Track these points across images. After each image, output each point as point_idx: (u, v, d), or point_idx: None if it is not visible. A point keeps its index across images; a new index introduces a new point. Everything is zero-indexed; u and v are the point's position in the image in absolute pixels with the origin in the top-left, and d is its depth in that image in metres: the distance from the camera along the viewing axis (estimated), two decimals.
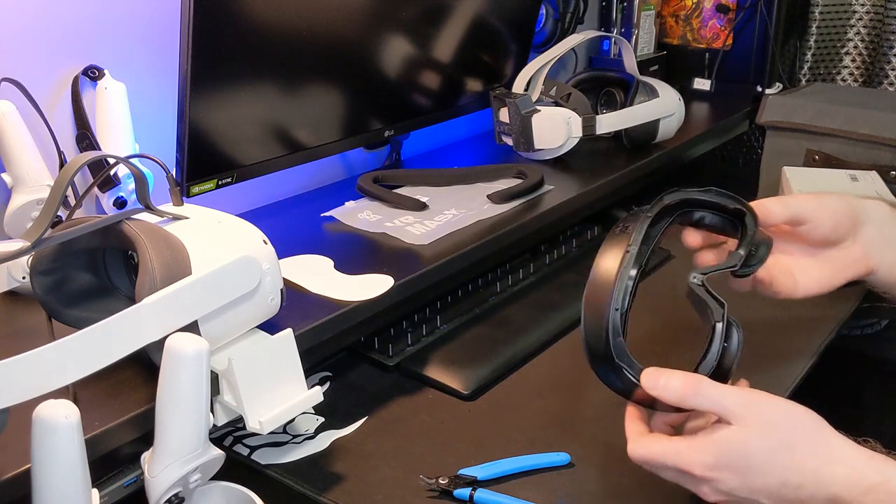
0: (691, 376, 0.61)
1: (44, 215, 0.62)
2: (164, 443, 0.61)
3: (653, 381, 0.62)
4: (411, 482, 0.73)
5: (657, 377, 0.62)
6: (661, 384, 0.61)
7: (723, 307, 0.63)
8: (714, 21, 1.71)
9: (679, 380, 0.60)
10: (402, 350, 0.93)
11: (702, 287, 0.65)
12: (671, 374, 0.61)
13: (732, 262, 0.68)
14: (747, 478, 0.58)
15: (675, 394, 0.60)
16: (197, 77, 0.87)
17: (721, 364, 0.63)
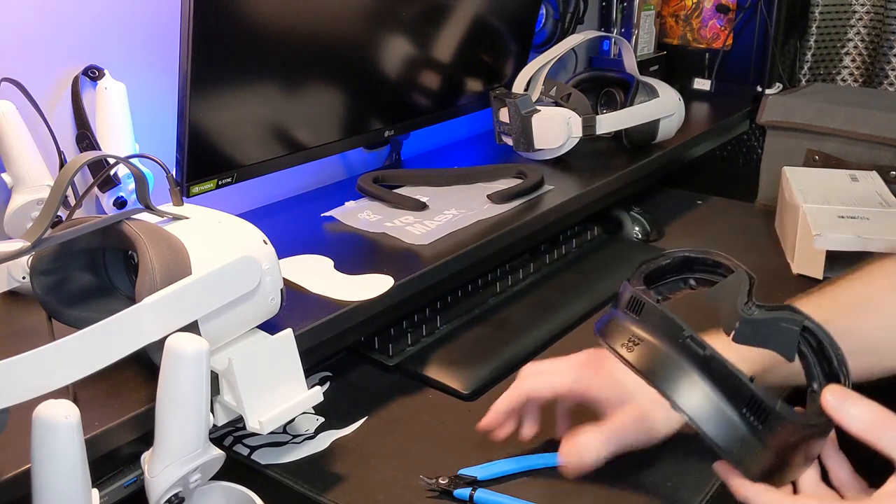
0: (882, 407, 0.52)
1: (44, 215, 0.62)
2: (164, 443, 0.61)
3: (838, 400, 0.52)
4: (411, 482, 0.73)
5: (844, 395, 0.53)
6: (846, 405, 0.52)
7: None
8: (714, 21, 1.71)
9: (867, 404, 0.52)
10: (402, 350, 0.93)
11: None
12: (857, 397, 0.52)
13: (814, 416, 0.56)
14: None
15: (863, 421, 0.51)
16: (197, 77, 0.86)
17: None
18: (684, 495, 0.71)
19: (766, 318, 0.53)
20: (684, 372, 0.53)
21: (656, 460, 0.74)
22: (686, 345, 0.53)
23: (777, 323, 0.53)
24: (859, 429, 0.51)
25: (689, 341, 0.53)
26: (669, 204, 1.37)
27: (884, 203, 1.13)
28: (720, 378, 0.53)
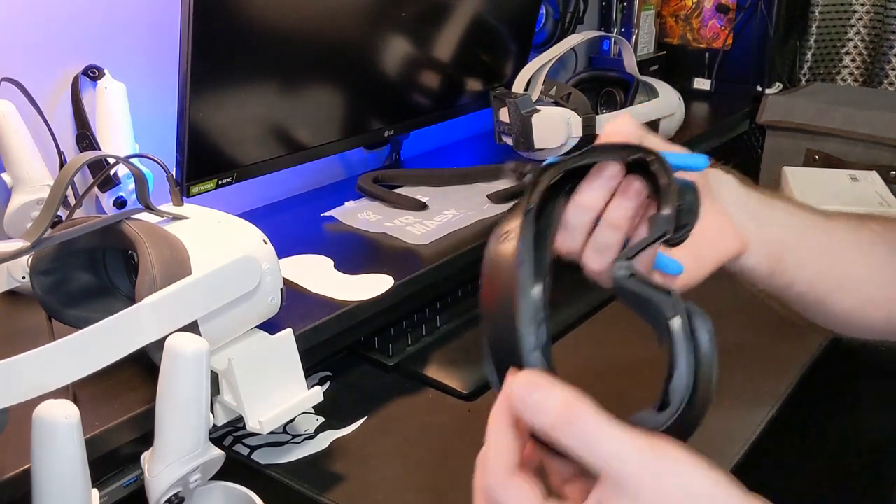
0: (577, 396, 0.39)
1: (44, 215, 0.62)
2: (164, 443, 0.61)
3: (525, 387, 0.40)
4: (411, 482, 0.73)
5: (532, 385, 0.40)
6: (534, 397, 0.39)
7: (670, 295, 0.43)
8: (714, 21, 1.71)
9: (559, 396, 0.39)
10: (401, 350, 0.93)
11: (632, 278, 0.44)
12: (551, 387, 0.39)
13: (661, 229, 0.47)
14: None
15: (546, 418, 0.39)
16: (197, 77, 0.86)
17: (699, 376, 0.42)
18: None
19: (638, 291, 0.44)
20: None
21: None
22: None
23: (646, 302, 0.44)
24: (545, 424, 0.39)
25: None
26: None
27: (884, 203, 1.13)
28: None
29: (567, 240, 0.53)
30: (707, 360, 0.42)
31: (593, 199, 0.51)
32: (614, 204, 0.51)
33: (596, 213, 0.51)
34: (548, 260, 0.48)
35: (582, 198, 0.51)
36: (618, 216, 0.51)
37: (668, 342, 0.43)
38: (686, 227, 0.51)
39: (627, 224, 0.51)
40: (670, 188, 0.48)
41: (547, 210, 0.51)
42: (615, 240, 0.52)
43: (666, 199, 0.48)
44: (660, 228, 0.48)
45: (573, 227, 0.52)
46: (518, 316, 0.44)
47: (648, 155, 0.49)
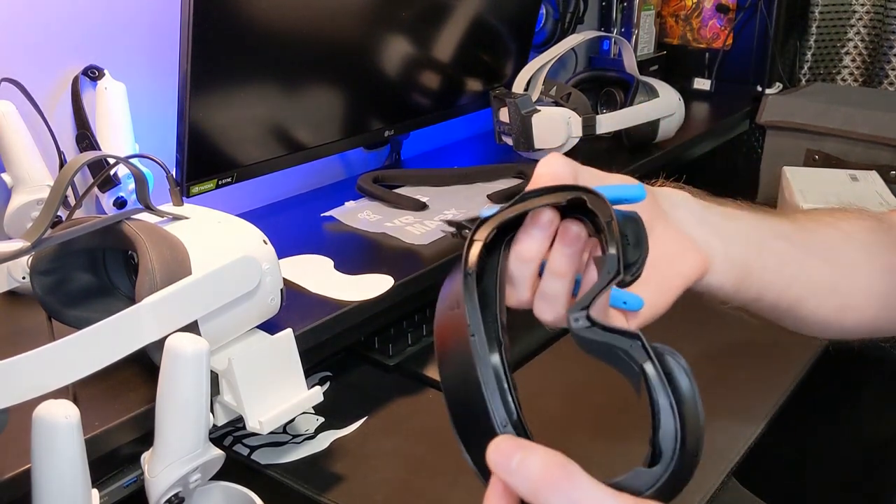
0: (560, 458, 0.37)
1: (44, 215, 0.62)
2: (164, 443, 0.61)
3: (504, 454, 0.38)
4: (411, 482, 0.73)
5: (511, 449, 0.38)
6: (514, 461, 0.38)
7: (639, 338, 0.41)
8: (714, 21, 1.71)
9: (539, 459, 0.37)
10: (402, 350, 0.93)
11: (592, 328, 0.42)
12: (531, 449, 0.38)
13: (611, 272, 0.45)
14: None
15: (528, 482, 0.37)
16: (197, 77, 0.86)
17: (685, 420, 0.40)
18: (684, 495, 0.71)
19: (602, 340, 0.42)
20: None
21: None
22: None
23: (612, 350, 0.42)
24: (523, 491, 0.38)
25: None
26: None
27: (884, 203, 1.13)
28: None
29: (515, 293, 0.51)
30: (690, 401, 0.40)
31: (531, 250, 0.48)
32: (555, 252, 0.49)
33: (537, 263, 0.49)
34: (500, 320, 0.45)
35: (519, 250, 0.49)
36: (560, 265, 0.49)
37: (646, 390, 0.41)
38: (636, 263, 0.48)
39: (572, 271, 0.49)
40: (612, 226, 0.45)
41: (490, 266, 0.48)
42: (563, 289, 0.50)
43: (610, 238, 0.45)
44: (609, 271, 0.45)
45: (517, 280, 0.50)
46: (483, 391, 0.42)
47: (583, 194, 0.46)
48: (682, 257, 0.55)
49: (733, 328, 0.97)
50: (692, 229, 0.56)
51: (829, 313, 0.62)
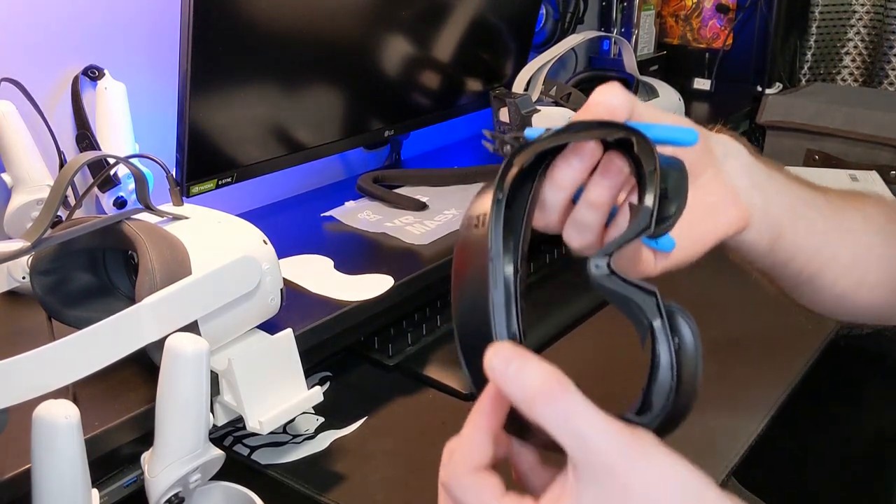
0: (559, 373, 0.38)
1: (44, 215, 0.62)
2: (164, 443, 0.61)
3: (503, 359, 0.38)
4: (411, 482, 0.73)
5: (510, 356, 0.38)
6: (512, 368, 0.38)
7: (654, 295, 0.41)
8: (714, 21, 1.71)
9: (538, 371, 0.37)
10: (402, 350, 0.93)
11: (612, 276, 0.42)
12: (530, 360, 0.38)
13: (641, 223, 0.44)
14: None
15: (524, 390, 0.37)
16: (197, 77, 0.86)
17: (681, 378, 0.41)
18: None
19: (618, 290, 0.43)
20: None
21: None
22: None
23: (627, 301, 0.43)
24: (518, 399, 0.38)
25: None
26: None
27: None
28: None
29: (543, 217, 0.50)
30: (691, 364, 0.40)
31: (569, 178, 0.47)
32: (593, 183, 0.47)
33: (572, 191, 0.48)
34: (521, 246, 0.45)
35: (557, 176, 0.47)
36: (598, 196, 0.47)
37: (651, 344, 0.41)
38: (670, 218, 0.46)
39: (608, 204, 0.48)
40: (653, 176, 0.44)
41: (522, 191, 0.47)
42: (595, 220, 0.49)
43: (648, 189, 0.44)
44: (640, 223, 0.44)
45: (549, 206, 0.49)
46: (491, 313, 0.42)
47: (632, 135, 0.45)
48: (723, 209, 0.54)
49: (737, 325, 0.97)
50: (739, 181, 0.55)
51: (845, 288, 0.62)
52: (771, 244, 0.58)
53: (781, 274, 0.62)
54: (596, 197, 0.47)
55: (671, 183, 0.47)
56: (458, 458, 0.41)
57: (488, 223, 0.43)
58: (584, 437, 0.36)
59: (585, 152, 0.46)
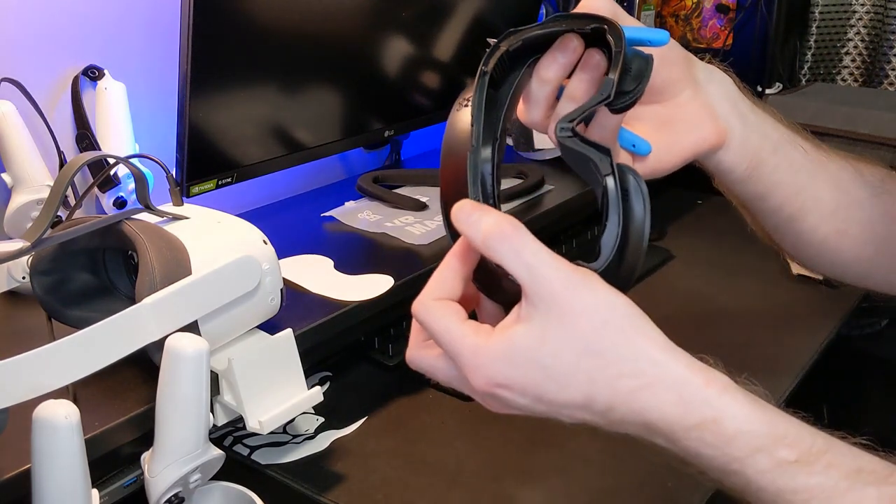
0: (514, 220, 0.44)
1: (44, 215, 0.62)
2: (164, 443, 0.61)
3: (465, 211, 0.45)
4: (411, 482, 0.73)
5: (472, 208, 0.45)
6: (473, 217, 0.44)
7: (608, 154, 0.46)
8: (714, 21, 1.71)
9: (493, 217, 0.44)
10: (402, 350, 0.93)
11: (573, 137, 0.47)
12: (488, 210, 0.45)
13: (603, 93, 0.48)
14: (543, 394, 0.43)
15: (480, 232, 0.44)
16: (197, 77, 0.86)
17: (627, 235, 0.45)
18: (684, 495, 0.71)
19: (578, 149, 0.47)
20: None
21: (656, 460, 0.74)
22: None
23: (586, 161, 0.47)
24: (477, 238, 0.44)
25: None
26: (669, 203, 1.37)
27: None
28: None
29: (529, 112, 0.54)
30: (638, 218, 0.45)
31: (553, 71, 0.51)
32: (575, 78, 0.51)
33: (556, 85, 0.52)
34: (503, 122, 0.51)
35: (542, 70, 0.51)
36: (577, 90, 0.51)
37: (601, 202, 0.46)
38: (630, 93, 0.50)
39: (587, 97, 0.52)
40: (619, 55, 0.48)
41: (508, 80, 0.52)
42: None
43: (613, 65, 0.48)
44: (602, 93, 0.48)
45: (534, 99, 0.53)
46: (469, 173, 0.48)
47: (605, 24, 0.49)
48: (700, 123, 0.57)
49: (737, 326, 0.97)
50: (719, 105, 0.58)
51: (827, 234, 0.63)
52: (749, 172, 0.60)
53: (760, 208, 0.63)
54: (576, 91, 0.52)
55: (636, 66, 0.50)
56: (428, 289, 0.47)
57: (472, 95, 0.50)
58: (533, 267, 0.43)
59: (569, 48, 0.51)
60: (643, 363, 0.43)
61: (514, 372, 0.43)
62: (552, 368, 0.43)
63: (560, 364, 0.43)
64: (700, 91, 0.58)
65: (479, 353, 0.44)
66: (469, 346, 0.44)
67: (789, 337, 0.96)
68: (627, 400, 0.43)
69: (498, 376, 0.43)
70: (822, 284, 1.08)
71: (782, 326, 0.97)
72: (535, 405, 0.44)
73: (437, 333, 0.45)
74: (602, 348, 0.43)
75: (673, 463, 0.45)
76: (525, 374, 0.43)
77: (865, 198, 0.64)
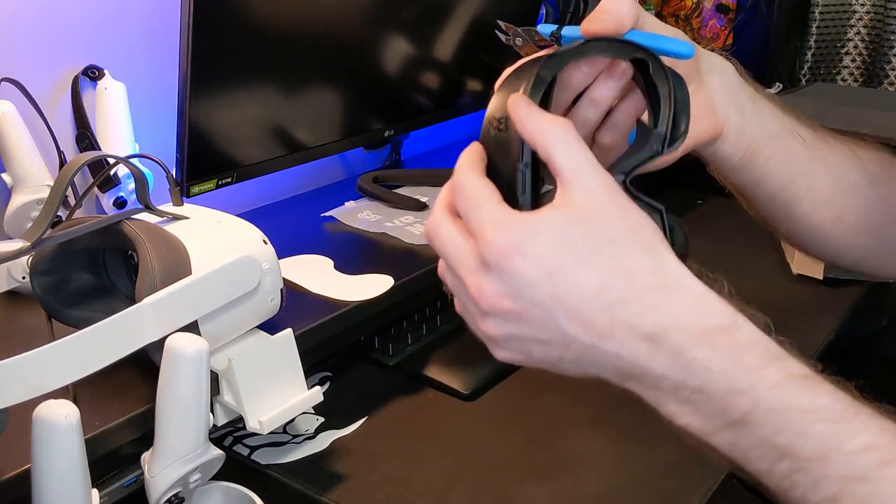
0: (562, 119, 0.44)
1: (44, 215, 0.62)
2: (164, 443, 0.61)
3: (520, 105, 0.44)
4: (412, 482, 0.73)
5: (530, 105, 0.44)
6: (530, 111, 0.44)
7: (660, 212, 0.47)
8: (714, 21, 1.71)
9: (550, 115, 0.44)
10: (402, 350, 0.93)
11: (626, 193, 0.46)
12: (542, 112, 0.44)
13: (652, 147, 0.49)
14: (558, 268, 0.41)
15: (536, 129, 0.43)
16: (197, 77, 0.86)
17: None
18: (684, 495, 0.71)
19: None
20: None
21: (656, 459, 0.74)
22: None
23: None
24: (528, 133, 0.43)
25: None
26: (669, 204, 1.37)
27: None
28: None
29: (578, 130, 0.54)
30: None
31: (577, 79, 0.51)
32: (599, 82, 0.52)
33: (579, 91, 0.52)
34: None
35: (596, 93, 0.52)
36: (601, 95, 0.52)
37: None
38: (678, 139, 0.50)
39: (609, 102, 0.53)
40: (667, 102, 0.48)
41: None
42: (595, 116, 0.53)
43: (661, 114, 0.49)
44: (652, 147, 0.49)
45: (583, 120, 0.53)
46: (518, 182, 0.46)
47: (649, 59, 0.49)
48: (699, 117, 0.56)
49: None
50: (718, 97, 0.59)
51: (822, 221, 0.63)
52: (743, 161, 0.61)
53: (755, 194, 0.63)
54: (599, 95, 0.52)
55: (679, 103, 0.50)
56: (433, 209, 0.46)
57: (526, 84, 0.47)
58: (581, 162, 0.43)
59: (623, 74, 0.51)
60: (666, 267, 0.42)
61: (540, 240, 0.41)
62: (579, 245, 0.41)
63: (588, 243, 0.41)
64: (702, 84, 0.58)
65: (509, 215, 0.42)
66: (500, 209, 0.43)
67: (789, 337, 0.95)
68: (642, 296, 0.41)
69: (522, 240, 0.41)
70: (823, 284, 1.08)
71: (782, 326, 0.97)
72: (544, 283, 0.41)
73: (471, 191, 0.44)
74: (629, 244, 0.42)
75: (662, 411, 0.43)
76: (549, 246, 0.41)
77: (864, 185, 0.64)
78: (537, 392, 0.86)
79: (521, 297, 0.42)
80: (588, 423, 0.81)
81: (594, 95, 0.52)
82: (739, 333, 0.42)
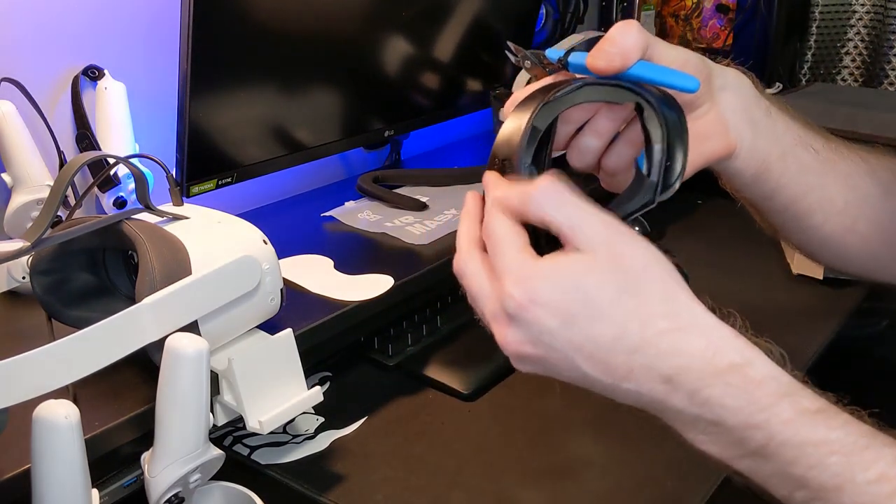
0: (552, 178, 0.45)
1: (44, 215, 0.62)
2: (164, 443, 0.61)
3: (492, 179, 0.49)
4: (411, 482, 0.73)
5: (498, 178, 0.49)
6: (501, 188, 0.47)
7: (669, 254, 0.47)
8: (714, 21, 1.71)
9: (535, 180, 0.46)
10: (402, 350, 0.93)
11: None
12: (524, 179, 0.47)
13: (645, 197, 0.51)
14: (574, 318, 0.43)
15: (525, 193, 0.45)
16: (197, 77, 0.86)
17: None
18: (684, 495, 0.71)
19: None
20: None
21: (656, 460, 0.74)
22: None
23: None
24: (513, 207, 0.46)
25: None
26: (669, 204, 1.37)
27: None
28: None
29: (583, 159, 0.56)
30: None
31: (577, 115, 0.53)
32: (601, 116, 0.53)
33: (579, 125, 0.54)
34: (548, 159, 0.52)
35: (598, 127, 0.54)
36: (603, 127, 0.53)
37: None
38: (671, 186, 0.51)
39: (611, 133, 0.54)
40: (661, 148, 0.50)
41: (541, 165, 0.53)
42: (598, 144, 0.54)
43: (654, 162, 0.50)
44: (644, 196, 0.51)
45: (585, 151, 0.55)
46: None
47: (644, 104, 0.50)
48: (712, 136, 0.58)
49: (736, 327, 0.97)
50: (730, 114, 0.59)
51: (833, 231, 0.64)
52: (755, 176, 0.61)
53: (767, 207, 0.64)
54: (600, 127, 0.53)
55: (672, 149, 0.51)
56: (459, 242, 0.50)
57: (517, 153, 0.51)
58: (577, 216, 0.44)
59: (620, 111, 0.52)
60: (678, 308, 0.44)
61: (555, 292, 0.43)
62: (593, 297, 0.43)
63: (601, 294, 0.43)
64: (715, 102, 0.58)
65: (527, 266, 0.44)
66: (520, 259, 0.44)
67: (789, 337, 0.95)
68: (657, 341, 0.43)
69: (538, 292, 0.43)
70: (823, 284, 1.08)
71: (782, 327, 0.97)
72: (561, 331, 0.43)
73: (497, 238, 0.46)
74: (642, 288, 0.43)
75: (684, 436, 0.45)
76: (564, 296, 0.43)
77: (876, 195, 0.64)
78: (538, 392, 0.86)
79: (540, 342, 0.44)
80: (588, 424, 0.81)
81: (596, 127, 0.53)
82: (752, 371, 0.44)
